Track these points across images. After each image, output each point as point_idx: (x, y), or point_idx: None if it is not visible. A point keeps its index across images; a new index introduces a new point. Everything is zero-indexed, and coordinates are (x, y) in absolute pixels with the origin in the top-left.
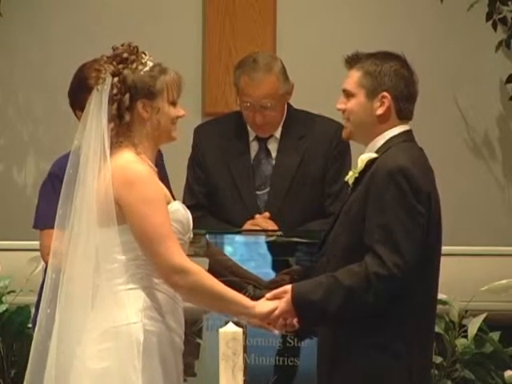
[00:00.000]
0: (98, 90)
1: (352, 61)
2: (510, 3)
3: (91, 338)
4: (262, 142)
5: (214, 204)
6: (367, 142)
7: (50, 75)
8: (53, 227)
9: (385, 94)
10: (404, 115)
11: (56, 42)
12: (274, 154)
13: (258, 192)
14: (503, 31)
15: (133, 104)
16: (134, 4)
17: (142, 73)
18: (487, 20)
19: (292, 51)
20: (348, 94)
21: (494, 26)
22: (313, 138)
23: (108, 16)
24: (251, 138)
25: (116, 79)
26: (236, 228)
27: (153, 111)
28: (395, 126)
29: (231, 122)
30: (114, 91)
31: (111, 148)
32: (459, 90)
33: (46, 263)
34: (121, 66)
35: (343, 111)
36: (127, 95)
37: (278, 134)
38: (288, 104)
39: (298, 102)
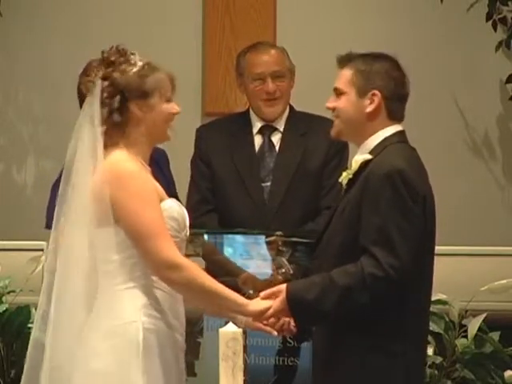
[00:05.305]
0: (89, 95)
1: (344, 60)
2: (509, 3)
3: (91, 337)
4: (266, 135)
5: (219, 199)
6: (357, 141)
7: (49, 75)
8: None
9: (375, 92)
10: (394, 115)
11: (56, 42)
12: (277, 147)
13: (263, 184)
14: (503, 31)
15: (125, 105)
16: (134, 4)
17: (131, 74)
18: (487, 20)
19: (292, 51)
20: (339, 93)
21: (494, 26)
22: (314, 136)
23: (108, 17)
24: (255, 131)
25: (106, 83)
26: (240, 224)
27: (148, 110)
28: (387, 125)
29: (234, 119)
30: (105, 95)
31: (105, 149)
32: (459, 90)
33: None
34: (110, 70)
35: (333, 110)
36: (117, 97)
37: (281, 127)
38: (290, 104)
39: (297, 101)
